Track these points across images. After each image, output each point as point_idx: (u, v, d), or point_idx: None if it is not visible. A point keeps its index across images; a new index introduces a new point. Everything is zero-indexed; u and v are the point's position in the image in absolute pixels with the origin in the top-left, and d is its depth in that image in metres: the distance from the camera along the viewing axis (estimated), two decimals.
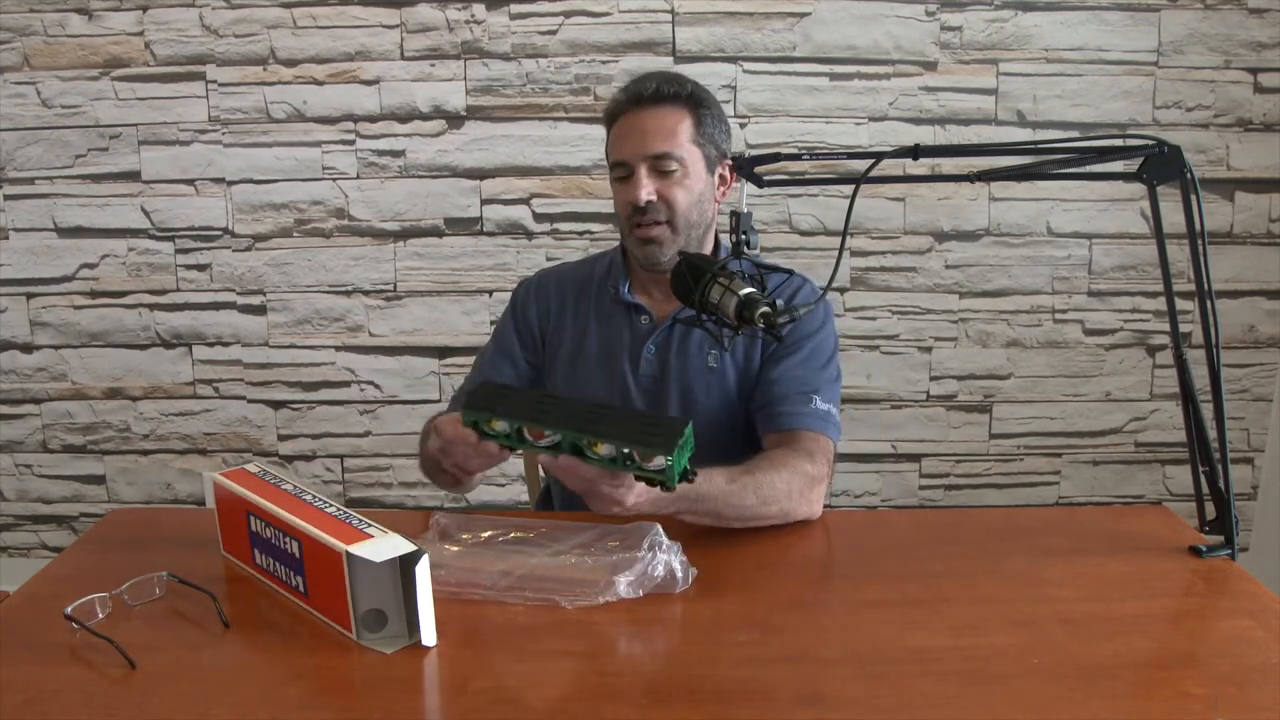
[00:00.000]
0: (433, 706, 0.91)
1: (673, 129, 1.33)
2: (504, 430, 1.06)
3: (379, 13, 2.26)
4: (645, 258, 1.37)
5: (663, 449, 0.99)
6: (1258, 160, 2.32)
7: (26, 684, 0.89)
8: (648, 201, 1.32)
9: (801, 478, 1.22)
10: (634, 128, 1.34)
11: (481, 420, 1.07)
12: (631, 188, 1.33)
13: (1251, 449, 2.48)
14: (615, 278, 1.44)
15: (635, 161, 1.33)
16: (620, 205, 1.37)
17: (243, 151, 2.33)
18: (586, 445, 1.02)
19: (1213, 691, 0.89)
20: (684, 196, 1.34)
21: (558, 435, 1.04)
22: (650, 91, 1.34)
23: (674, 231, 1.35)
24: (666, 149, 1.32)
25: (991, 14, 2.26)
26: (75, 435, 2.47)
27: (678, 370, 1.39)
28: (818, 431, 1.31)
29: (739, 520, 1.18)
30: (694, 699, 0.89)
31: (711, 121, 1.37)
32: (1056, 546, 1.19)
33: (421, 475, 1.38)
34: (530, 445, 1.06)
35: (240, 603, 1.07)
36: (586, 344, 1.43)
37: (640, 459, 1.00)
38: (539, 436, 1.04)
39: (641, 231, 1.34)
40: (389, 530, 0.97)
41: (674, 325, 1.40)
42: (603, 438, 1.01)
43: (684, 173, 1.33)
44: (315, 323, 2.41)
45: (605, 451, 1.01)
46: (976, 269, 2.37)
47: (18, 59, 2.28)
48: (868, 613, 1.04)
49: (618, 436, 1.01)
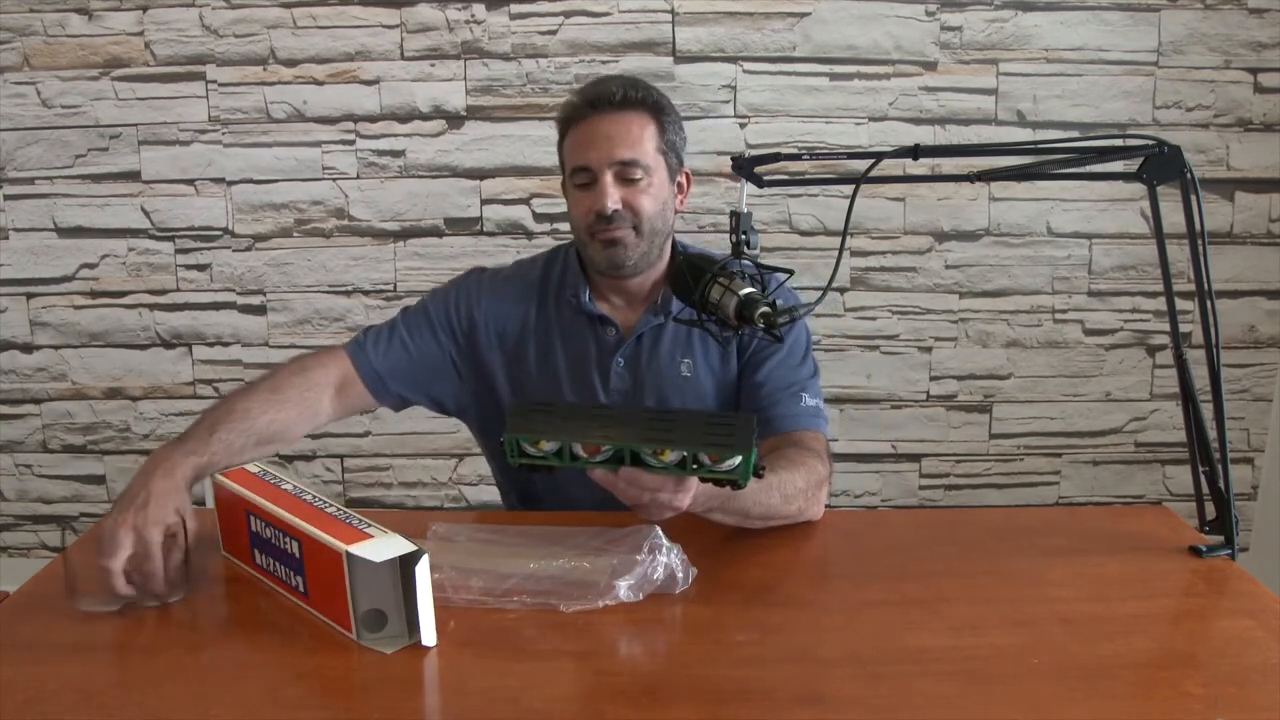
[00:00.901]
0: (433, 706, 0.92)
1: (638, 136, 1.29)
2: (551, 450, 1.01)
3: (379, 13, 2.26)
4: (608, 260, 1.31)
5: (741, 449, 0.96)
6: (1258, 160, 2.32)
7: (26, 684, 0.89)
8: (614, 210, 1.28)
9: (815, 477, 1.22)
10: (598, 133, 1.29)
11: (527, 441, 1.02)
12: (596, 195, 1.28)
13: (1251, 449, 2.48)
14: (574, 285, 1.38)
15: (600, 168, 1.28)
16: (581, 213, 1.31)
17: (243, 151, 2.33)
18: (651, 455, 0.98)
19: (1213, 691, 0.89)
20: (650, 204, 1.29)
21: (613, 449, 0.99)
22: (615, 97, 1.29)
23: (640, 236, 1.30)
24: (633, 156, 1.28)
25: (991, 14, 2.26)
26: (75, 435, 2.47)
27: (652, 383, 1.35)
28: (815, 430, 1.31)
29: (761, 519, 1.18)
30: (694, 699, 0.89)
31: (673, 129, 1.33)
32: (1056, 546, 1.19)
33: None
34: (585, 462, 1.00)
35: (240, 603, 1.07)
36: (554, 359, 1.37)
37: (713, 461, 0.97)
38: (594, 453, 1.00)
39: (605, 234, 1.29)
40: (389, 530, 0.97)
41: (641, 337, 1.36)
42: (671, 445, 0.98)
43: (649, 180, 1.30)
44: (315, 323, 2.41)
45: (672, 458, 0.98)
46: (976, 269, 2.37)
47: (18, 59, 2.28)
48: (868, 613, 1.04)
49: (689, 442, 0.98)
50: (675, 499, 1.02)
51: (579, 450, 1.00)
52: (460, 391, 1.40)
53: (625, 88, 1.30)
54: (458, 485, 2.47)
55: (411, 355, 1.35)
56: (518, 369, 1.38)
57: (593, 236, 1.31)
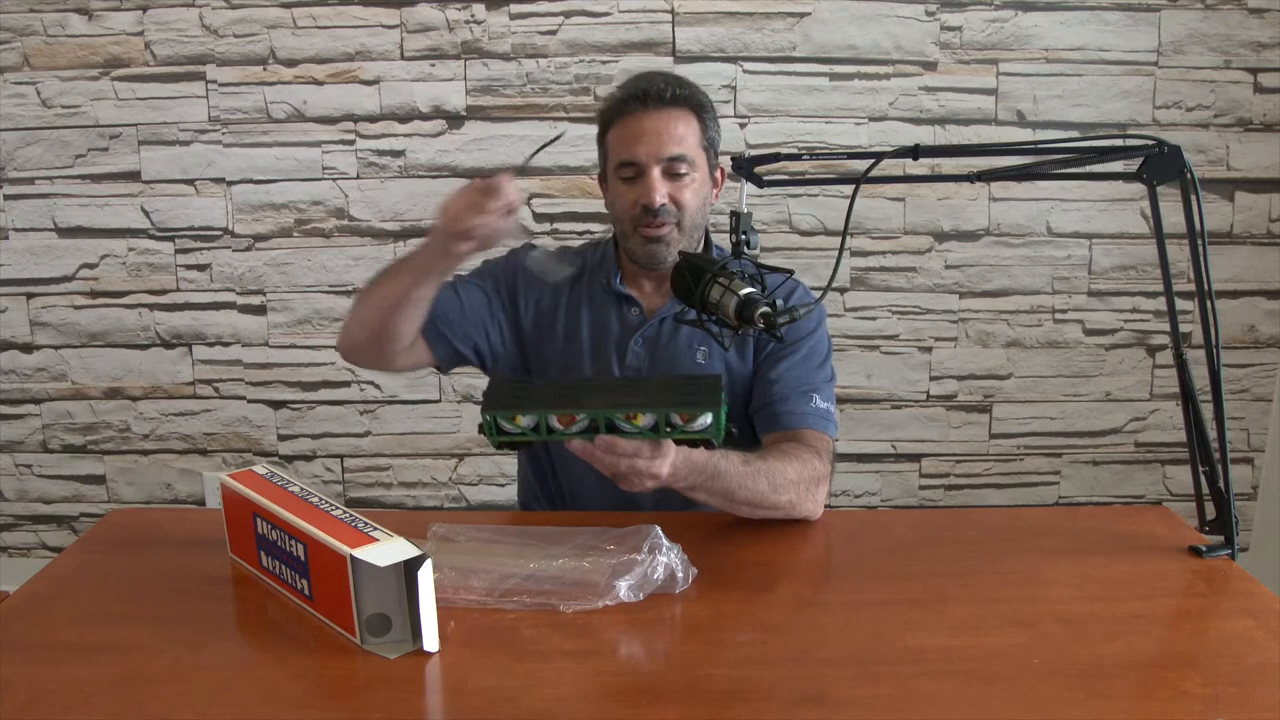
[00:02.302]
0: (433, 706, 0.92)
1: (685, 132, 1.33)
2: (529, 425, 1.04)
3: (379, 13, 2.26)
4: (649, 257, 1.36)
5: (709, 405, 0.98)
6: (1258, 160, 2.32)
7: (26, 684, 0.89)
8: (661, 204, 1.32)
9: (810, 472, 1.23)
10: (645, 128, 1.33)
11: (504, 417, 1.04)
12: (644, 189, 1.32)
13: (1251, 449, 2.48)
14: (608, 269, 1.43)
15: (649, 163, 1.32)
16: (625, 205, 1.36)
17: (243, 151, 2.33)
18: (625, 420, 1.00)
19: (1213, 691, 0.89)
20: (693, 199, 1.34)
21: (587, 418, 1.01)
22: (664, 94, 1.33)
23: (681, 232, 1.35)
24: (681, 151, 1.33)
25: (991, 14, 2.26)
26: (75, 435, 2.47)
27: (666, 364, 1.39)
28: (820, 430, 1.32)
29: (748, 505, 1.19)
30: (694, 699, 0.89)
31: (713, 126, 1.38)
32: (1056, 546, 1.19)
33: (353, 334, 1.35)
34: (561, 434, 1.03)
35: (241, 603, 1.07)
36: (579, 331, 1.42)
37: (684, 421, 0.99)
38: (569, 423, 1.02)
39: (650, 230, 1.34)
40: (394, 534, 0.96)
41: (664, 321, 1.40)
42: (643, 409, 0.99)
43: (693, 176, 1.34)
44: (315, 323, 2.41)
45: (645, 422, 1.00)
46: (976, 269, 2.37)
47: (18, 59, 2.28)
48: (868, 613, 1.04)
49: (659, 403, 0.99)
50: (652, 465, 1.05)
51: (555, 423, 1.02)
52: (499, 345, 1.43)
53: (670, 84, 1.34)
54: (458, 485, 2.47)
55: (462, 304, 1.40)
56: (547, 336, 1.43)
57: (635, 229, 1.35)
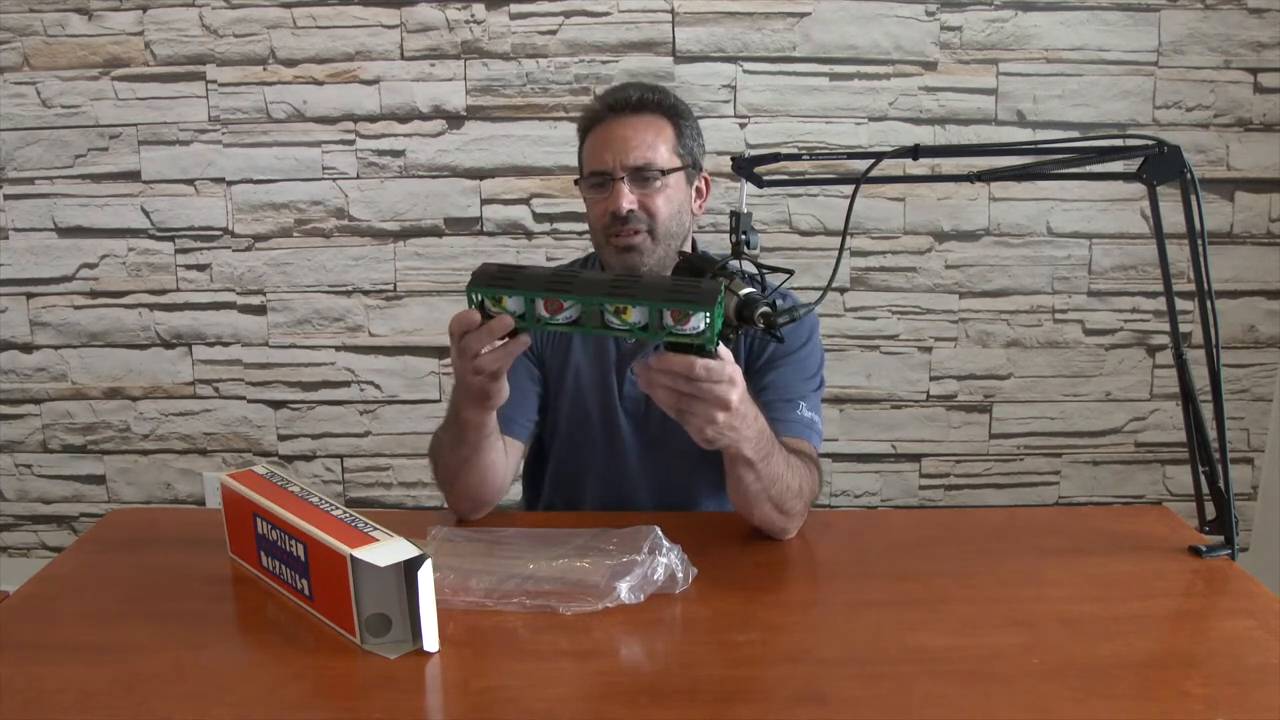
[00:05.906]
0: (433, 707, 0.91)
1: (654, 139, 1.30)
2: (515, 310, 0.99)
3: (379, 13, 2.26)
4: (623, 265, 1.31)
5: (703, 305, 0.92)
6: (1258, 160, 2.32)
7: (26, 684, 0.89)
8: (629, 211, 1.28)
9: (811, 493, 1.21)
10: (614, 136, 1.30)
11: (489, 298, 0.99)
12: (612, 197, 1.29)
13: (1251, 449, 2.48)
14: None
15: (616, 171, 1.28)
16: (596, 215, 1.32)
17: (243, 151, 2.33)
18: (613, 312, 0.94)
19: (1213, 691, 0.89)
20: (665, 206, 1.29)
21: (576, 309, 0.96)
22: (631, 100, 1.31)
23: (655, 240, 1.30)
24: (649, 159, 1.28)
25: (991, 14, 2.25)
26: (75, 435, 2.47)
27: None
28: (804, 439, 1.29)
29: (774, 501, 1.15)
30: (694, 699, 0.89)
31: (691, 133, 1.34)
32: (1056, 546, 1.19)
33: (434, 483, 1.31)
34: (546, 323, 0.98)
35: (241, 603, 1.07)
36: (575, 359, 1.39)
37: (676, 320, 0.93)
38: (556, 310, 0.96)
39: (620, 239, 1.29)
40: (394, 534, 0.96)
41: None
42: (633, 301, 0.93)
43: (665, 183, 1.30)
44: (315, 323, 2.41)
45: (635, 318, 0.94)
46: (976, 269, 2.37)
47: (18, 59, 2.28)
48: (868, 613, 1.04)
49: (651, 297, 0.93)
50: (717, 390, 0.96)
51: (542, 310, 0.98)
52: (544, 388, 1.41)
53: (642, 91, 1.32)
54: None
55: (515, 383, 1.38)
56: (558, 370, 1.40)
57: (608, 240, 1.31)
